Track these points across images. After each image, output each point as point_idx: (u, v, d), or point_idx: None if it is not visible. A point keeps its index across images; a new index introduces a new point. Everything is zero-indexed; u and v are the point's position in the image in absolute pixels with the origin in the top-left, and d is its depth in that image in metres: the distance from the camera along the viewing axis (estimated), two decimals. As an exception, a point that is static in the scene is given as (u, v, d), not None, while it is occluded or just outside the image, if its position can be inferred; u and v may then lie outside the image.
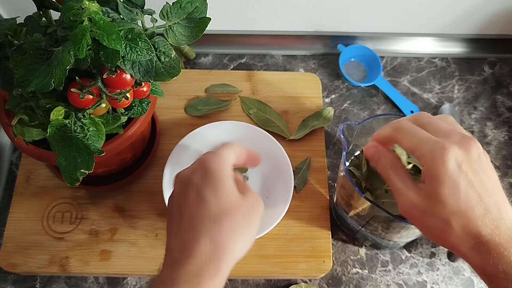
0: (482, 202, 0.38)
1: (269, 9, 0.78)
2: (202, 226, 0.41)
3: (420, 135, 0.41)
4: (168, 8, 0.52)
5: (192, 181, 0.44)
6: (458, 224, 0.38)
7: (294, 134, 0.73)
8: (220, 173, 0.43)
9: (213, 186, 0.43)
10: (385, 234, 0.60)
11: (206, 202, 0.42)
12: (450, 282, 0.66)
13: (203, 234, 0.40)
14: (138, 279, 0.65)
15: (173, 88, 0.76)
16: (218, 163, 0.44)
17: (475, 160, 0.39)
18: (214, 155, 0.45)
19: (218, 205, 0.42)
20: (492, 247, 0.37)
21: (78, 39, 0.42)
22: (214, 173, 0.43)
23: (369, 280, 0.66)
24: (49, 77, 0.44)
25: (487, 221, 0.38)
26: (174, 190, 0.46)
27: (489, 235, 0.37)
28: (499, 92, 0.81)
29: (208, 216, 0.41)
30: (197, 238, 0.40)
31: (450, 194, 0.38)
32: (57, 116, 0.48)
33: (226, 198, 0.42)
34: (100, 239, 0.65)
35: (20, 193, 0.68)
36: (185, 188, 0.44)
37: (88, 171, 0.49)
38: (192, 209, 0.42)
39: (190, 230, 0.41)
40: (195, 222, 0.41)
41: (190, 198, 0.43)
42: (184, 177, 0.45)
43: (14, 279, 0.65)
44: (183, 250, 0.40)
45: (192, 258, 0.39)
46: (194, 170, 0.45)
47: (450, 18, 0.80)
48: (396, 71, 0.83)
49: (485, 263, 0.38)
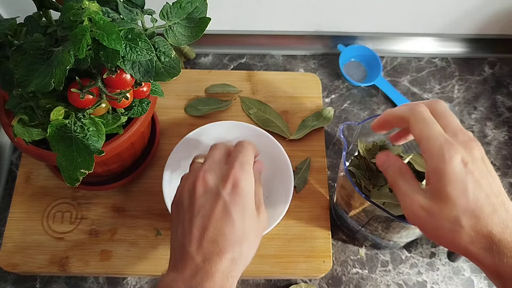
0: (490, 201, 0.38)
1: (269, 9, 0.78)
2: (227, 245, 0.43)
3: (433, 129, 0.41)
4: (168, 8, 0.52)
5: (220, 194, 0.45)
6: (469, 223, 0.38)
7: (294, 134, 0.73)
8: (249, 196, 0.46)
9: (241, 208, 0.45)
10: (385, 234, 0.60)
11: (233, 222, 0.44)
12: (450, 282, 0.66)
13: (227, 252, 0.43)
14: (138, 279, 0.65)
15: (173, 88, 0.76)
16: (249, 185, 0.46)
17: (480, 161, 0.40)
18: (246, 174, 0.46)
19: (243, 228, 0.44)
20: (505, 246, 0.37)
21: (78, 39, 0.42)
22: (244, 195, 0.45)
23: (369, 280, 0.66)
24: (49, 77, 0.44)
25: (497, 220, 0.37)
26: (195, 189, 0.46)
27: (500, 234, 0.37)
28: (499, 92, 0.81)
29: (233, 236, 0.43)
30: (221, 255, 0.43)
31: (458, 193, 0.38)
32: (57, 116, 0.48)
33: (249, 222, 0.45)
34: (100, 239, 0.65)
35: (20, 193, 0.68)
36: (212, 198, 0.45)
37: (88, 171, 0.49)
38: (218, 223, 0.44)
39: (215, 245, 0.43)
40: (220, 237, 0.43)
41: (216, 211, 0.44)
42: (210, 184, 0.46)
43: (14, 279, 0.65)
44: (207, 261, 0.42)
45: (216, 272, 0.42)
46: (224, 182, 0.46)
47: (450, 18, 0.80)
48: (396, 71, 0.83)
49: (499, 264, 0.37)
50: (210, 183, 0.46)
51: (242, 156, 0.48)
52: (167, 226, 0.66)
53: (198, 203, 0.45)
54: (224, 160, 0.50)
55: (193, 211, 0.45)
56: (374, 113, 0.78)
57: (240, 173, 0.46)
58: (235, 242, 0.43)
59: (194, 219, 0.45)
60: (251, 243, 0.45)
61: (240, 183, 0.45)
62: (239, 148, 0.50)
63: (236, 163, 0.47)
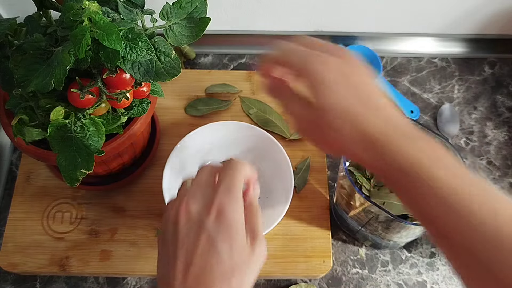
0: (370, 101, 0.38)
1: (269, 9, 0.78)
2: (212, 281, 0.39)
3: (307, 53, 0.41)
4: (168, 8, 0.52)
5: (204, 224, 0.40)
6: (346, 125, 0.37)
7: (294, 134, 0.73)
8: (237, 225, 0.41)
9: (228, 239, 0.40)
10: (385, 234, 0.60)
11: (219, 256, 0.39)
12: (450, 282, 0.66)
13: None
14: (138, 279, 0.65)
15: (173, 88, 0.76)
16: (237, 213, 0.41)
17: (356, 67, 0.40)
18: (232, 200, 0.41)
19: (230, 262, 0.39)
20: (383, 144, 0.37)
21: (78, 39, 0.42)
22: (230, 224, 0.40)
23: (369, 280, 0.66)
24: (49, 77, 0.44)
25: (377, 120, 0.37)
26: (178, 219, 0.42)
27: (379, 133, 0.37)
28: (499, 92, 0.81)
29: (219, 272, 0.39)
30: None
31: (331, 97, 0.38)
32: (57, 116, 0.48)
33: (238, 255, 0.40)
34: (100, 239, 0.65)
35: (20, 193, 0.68)
36: (195, 229, 0.41)
37: (88, 171, 0.49)
38: (202, 257, 0.39)
39: (200, 281, 0.39)
40: (205, 273, 0.39)
41: (200, 244, 0.40)
42: (192, 213, 0.41)
43: (14, 279, 0.65)
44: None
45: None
46: (207, 210, 0.41)
47: (450, 18, 0.80)
48: (396, 71, 0.83)
49: (380, 163, 0.37)
50: (193, 211, 0.41)
51: (229, 179, 0.43)
52: (167, 226, 0.66)
53: (181, 234, 0.41)
54: (212, 185, 0.44)
55: (177, 243, 0.41)
56: (374, 113, 0.78)
57: (225, 198, 0.41)
58: (222, 277, 0.39)
59: (178, 251, 0.40)
60: (242, 278, 0.40)
61: (225, 210, 0.40)
62: (226, 170, 0.44)
63: (221, 188, 0.42)
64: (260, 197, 0.68)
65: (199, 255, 0.39)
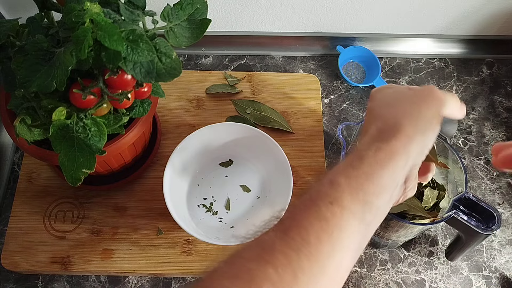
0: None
1: (269, 10, 0.78)
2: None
3: None
4: (169, 10, 0.52)
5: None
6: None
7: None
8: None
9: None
10: (384, 233, 0.60)
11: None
12: (448, 281, 0.66)
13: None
14: (139, 277, 0.65)
15: (174, 89, 0.77)
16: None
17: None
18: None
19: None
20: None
21: (80, 40, 0.43)
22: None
23: (367, 279, 0.66)
24: (51, 77, 0.45)
25: None
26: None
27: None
28: (497, 93, 0.82)
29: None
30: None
31: None
32: (59, 117, 0.49)
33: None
34: (102, 238, 0.66)
35: (22, 193, 0.69)
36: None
37: (89, 170, 0.50)
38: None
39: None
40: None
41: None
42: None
43: (16, 278, 0.65)
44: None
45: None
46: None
47: (448, 19, 0.81)
48: (394, 72, 0.83)
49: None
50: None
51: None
52: (168, 225, 0.67)
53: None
54: None
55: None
56: (373, 114, 0.79)
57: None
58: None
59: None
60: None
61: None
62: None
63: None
64: (259, 197, 0.68)
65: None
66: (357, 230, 0.36)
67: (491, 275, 0.67)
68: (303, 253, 0.33)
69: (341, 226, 0.35)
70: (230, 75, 0.79)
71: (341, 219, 0.35)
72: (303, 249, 0.33)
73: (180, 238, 0.66)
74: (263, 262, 0.33)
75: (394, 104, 0.41)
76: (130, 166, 0.67)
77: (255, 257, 0.33)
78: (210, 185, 0.69)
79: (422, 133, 0.39)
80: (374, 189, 0.36)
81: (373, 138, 0.38)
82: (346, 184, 0.36)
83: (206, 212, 0.67)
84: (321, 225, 0.34)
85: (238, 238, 0.62)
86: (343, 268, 0.35)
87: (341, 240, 0.35)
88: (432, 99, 0.41)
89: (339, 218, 0.35)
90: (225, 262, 0.34)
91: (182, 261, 0.65)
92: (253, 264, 0.33)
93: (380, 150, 0.37)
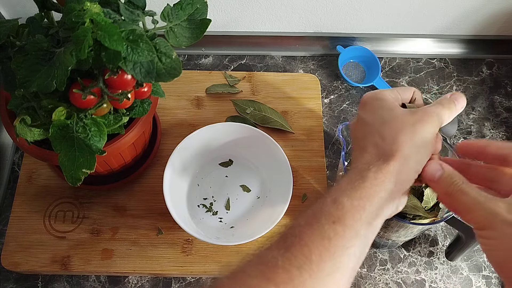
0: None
1: (269, 10, 0.78)
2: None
3: None
4: (169, 10, 0.52)
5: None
6: None
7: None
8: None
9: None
10: (384, 233, 0.60)
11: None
12: (448, 281, 0.66)
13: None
14: (139, 277, 0.65)
15: (174, 89, 0.77)
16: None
17: None
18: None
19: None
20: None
21: (80, 40, 0.43)
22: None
23: (367, 279, 0.66)
24: (51, 77, 0.45)
25: None
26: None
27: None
28: (497, 93, 0.82)
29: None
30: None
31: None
32: (59, 117, 0.49)
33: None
34: (102, 238, 0.66)
35: (22, 193, 0.69)
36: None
37: (89, 170, 0.50)
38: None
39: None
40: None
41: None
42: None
43: (16, 278, 0.65)
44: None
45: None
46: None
47: (448, 19, 0.81)
48: (394, 72, 0.83)
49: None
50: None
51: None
52: (168, 225, 0.67)
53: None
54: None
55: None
56: (373, 114, 0.79)
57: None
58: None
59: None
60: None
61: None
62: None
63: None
64: (259, 197, 0.68)
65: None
66: (358, 249, 0.37)
67: (491, 275, 0.67)
68: (305, 270, 0.35)
69: (343, 245, 0.36)
70: (230, 75, 0.79)
71: (343, 238, 0.36)
72: (305, 266, 0.35)
73: (180, 238, 0.66)
74: (265, 280, 0.34)
75: (390, 121, 0.41)
76: (130, 166, 0.67)
77: (258, 273, 0.35)
78: (210, 185, 0.69)
79: (417, 152, 0.40)
80: (374, 210, 0.38)
81: (372, 157, 0.40)
82: (349, 204, 0.37)
83: (206, 212, 0.68)
84: (323, 243, 0.36)
85: (238, 238, 0.62)
86: (342, 286, 0.37)
87: (342, 259, 0.36)
88: (428, 119, 0.41)
89: (341, 237, 0.36)
90: (228, 278, 0.35)
91: (182, 261, 0.65)
92: (255, 281, 0.34)
93: (380, 171, 0.38)
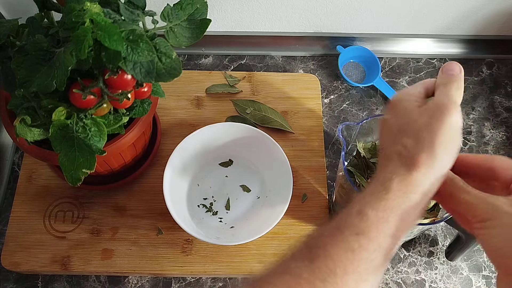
0: None
1: (269, 10, 0.78)
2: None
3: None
4: (169, 10, 0.52)
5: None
6: None
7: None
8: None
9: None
10: (384, 233, 0.60)
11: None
12: (448, 281, 0.66)
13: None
14: (139, 277, 0.65)
15: (174, 89, 0.77)
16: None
17: None
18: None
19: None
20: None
21: (80, 40, 0.43)
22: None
23: (368, 279, 0.66)
24: (51, 77, 0.45)
25: None
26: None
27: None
28: (497, 93, 0.82)
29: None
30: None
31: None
32: (59, 117, 0.49)
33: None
34: (102, 238, 0.66)
35: (22, 193, 0.69)
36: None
37: (89, 170, 0.50)
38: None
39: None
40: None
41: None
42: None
43: (16, 278, 0.65)
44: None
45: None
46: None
47: (448, 19, 0.81)
48: (394, 72, 0.83)
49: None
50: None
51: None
52: (168, 225, 0.67)
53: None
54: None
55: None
56: (372, 113, 0.79)
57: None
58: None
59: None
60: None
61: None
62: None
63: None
64: (259, 197, 0.68)
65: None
66: (381, 262, 0.37)
67: (491, 275, 0.67)
68: (329, 283, 0.34)
69: (366, 258, 0.36)
70: (230, 75, 0.79)
71: (367, 250, 0.36)
72: (329, 279, 0.35)
73: (180, 238, 0.66)
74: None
75: (409, 126, 0.40)
76: (130, 166, 0.67)
77: (283, 284, 0.35)
78: (210, 185, 0.69)
79: (441, 161, 0.38)
80: (399, 223, 0.37)
81: (395, 166, 0.38)
82: (374, 216, 0.37)
83: (206, 212, 0.68)
84: (347, 256, 0.35)
85: (238, 238, 0.62)
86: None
87: (366, 272, 0.36)
88: (447, 121, 0.39)
89: (365, 249, 0.36)
90: (253, 287, 0.35)
91: (182, 261, 0.65)
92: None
93: (403, 181, 0.37)
